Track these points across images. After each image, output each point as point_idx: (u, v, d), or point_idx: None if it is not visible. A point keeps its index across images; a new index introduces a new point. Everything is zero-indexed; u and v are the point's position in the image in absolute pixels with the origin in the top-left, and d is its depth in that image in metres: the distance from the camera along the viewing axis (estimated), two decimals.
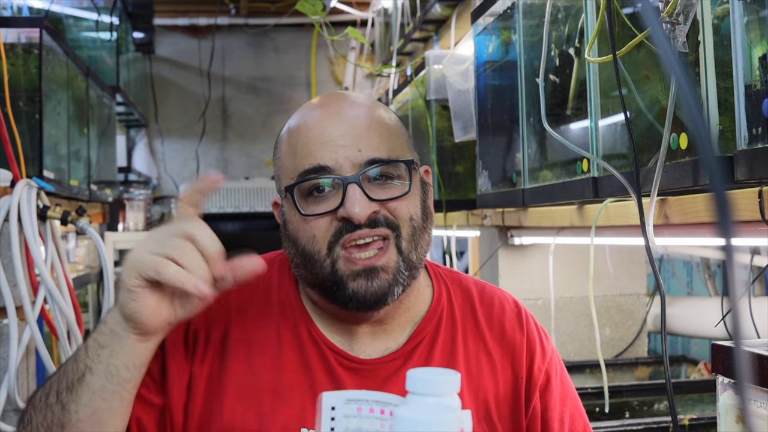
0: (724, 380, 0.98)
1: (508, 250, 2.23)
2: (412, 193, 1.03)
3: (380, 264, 0.98)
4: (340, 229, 0.98)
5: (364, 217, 0.97)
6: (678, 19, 1.00)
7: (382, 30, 4.15)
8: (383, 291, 0.98)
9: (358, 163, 0.99)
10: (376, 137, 1.01)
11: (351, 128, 1.01)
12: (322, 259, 0.99)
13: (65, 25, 3.63)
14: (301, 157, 1.01)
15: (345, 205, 0.97)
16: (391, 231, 0.99)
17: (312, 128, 1.02)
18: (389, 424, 0.85)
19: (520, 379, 1.11)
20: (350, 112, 1.04)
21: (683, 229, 1.36)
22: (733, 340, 1.09)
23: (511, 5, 1.74)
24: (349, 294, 0.99)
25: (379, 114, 1.05)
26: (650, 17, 0.53)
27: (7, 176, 1.96)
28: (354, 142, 1.00)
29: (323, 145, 1.00)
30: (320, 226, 0.99)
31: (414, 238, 1.01)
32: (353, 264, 0.98)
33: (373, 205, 0.98)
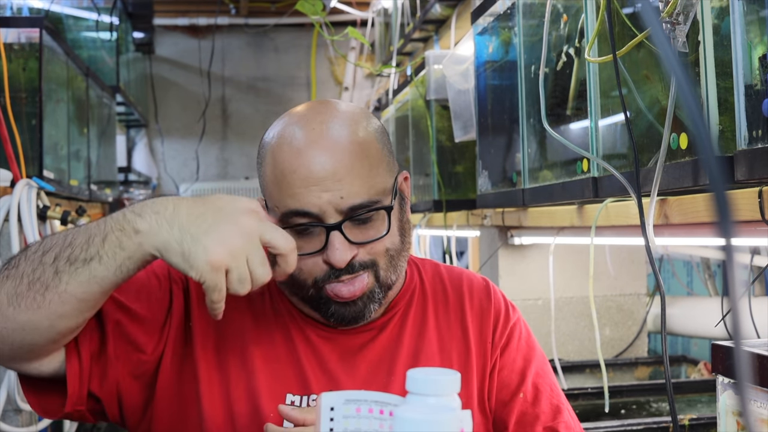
0: (724, 380, 0.98)
1: (508, 250, 2.23)
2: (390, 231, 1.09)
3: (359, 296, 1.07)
4: (327, 274, 1.05)
5: (344, 262, 1.04)
6: (678, 19, 1.00)
7: (382, 30, 4.15)
8: (361, 312, 1.08)
9: (340, 210, 1.04)
10: (357, 180, 1.05)
11: (334, 172, 1.04)
12: (307, 287, 1.07)
13: (65, 25, 3.63)
14: (285, 196, 1.05)
15: (328, 251, 1.04)
16: (370, 269, 1.07)
17: (295, 170, 1.05)
18: (388, 424, 0.85)
19: (487, 343, 1.18)
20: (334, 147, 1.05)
21: (683, 229, 1.36)
22: (733, 340, 1.09)
23: (511, 5, 1.74)
24: (332, 312, 1.08)
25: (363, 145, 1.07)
26: (650, 17, 0.53)
27: (7, 176, 1.96)
28: (338, 188, 1.04)
29: (307, 190, 1.04)
30: (307, 263, 1.06)
31: (392, 263, 1.09)
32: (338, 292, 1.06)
33: (353, 249, 1.05)
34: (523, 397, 1.18)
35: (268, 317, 1.13)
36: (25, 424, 1.95)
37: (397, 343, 1.14)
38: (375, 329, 1.14)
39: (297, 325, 1.13)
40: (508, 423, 1.17)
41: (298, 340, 1.12)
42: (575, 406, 1.83)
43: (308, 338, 1.12)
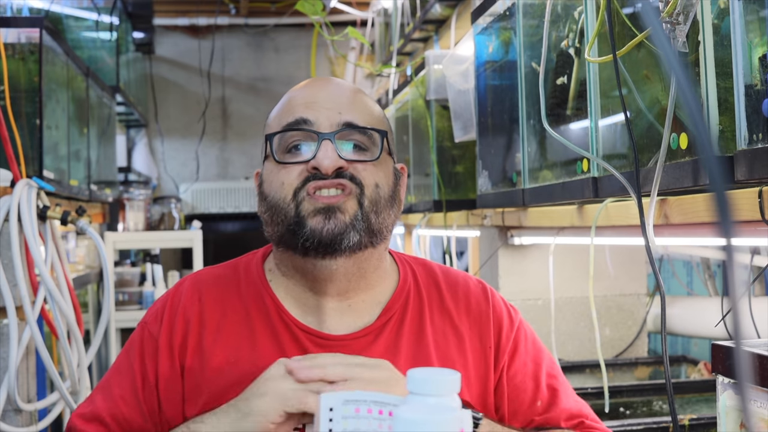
0: (724, 380, 0.98)
1: (508, 250, 2.23)
2: (381, 163, 1.09)
3: (339, 204, 1.04)
4: (308, 177, 1.05)
5: (332, 168, 1.04)
6: (678, 19, 1.00)
7: (382, 30, 4.15)
8: (340, 231, 1.03)
9: (335, 123, 1.07)
10: (357, 107, 1.10)
11: (336, 96, 1.10)
12: (287, 204, 1.05)
13: (65, 25, 3.63)
14: (285, 114, 1.10)
15: (317, 156, 1.04)
16: (354, 186, 1.05)
17: (298, 95, 1.12)
18: (388, 424, 0.85)
19: (488, 348, 1.15)
20: (337, 85, 1.14)
21: (683, 229, 1.36)
22: (733, 340, 1.09)
23: (511, 5, 1.74)
24: (308, 232, 1.03)
25: (365, 97, 1.14)
26: (650, 17, 0.53)
27: (7, 176, 1.96)
28: (336, 106, 1.08)
29: (307, 105, 1.09)
30: (290, 174, 1.06)
31: (377, 204, 1.07)
32: (315, 201, 1.04)
33: (341, 161, 1.05)
34: (541, 404, 1.17)
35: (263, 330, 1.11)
36: (25, 424, 1.95)
37: (395, 350, 1.11)
38: (371, 334, 1.11)
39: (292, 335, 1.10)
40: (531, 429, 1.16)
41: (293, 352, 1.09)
42: None
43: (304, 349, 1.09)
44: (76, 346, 2.10)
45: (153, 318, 1.16)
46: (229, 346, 1.10)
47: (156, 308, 1.17)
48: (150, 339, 1.13)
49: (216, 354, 1.10)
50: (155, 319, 1.15)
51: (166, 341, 1.12)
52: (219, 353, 1.10)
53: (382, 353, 1.10)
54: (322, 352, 1.08)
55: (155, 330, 1.13)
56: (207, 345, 1.10)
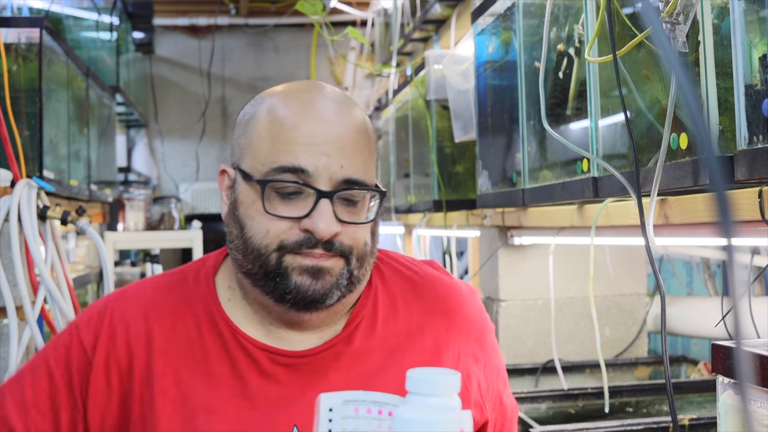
0: (724, 380, 0.98)
1: (508, 250, 2.23)
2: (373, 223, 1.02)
3: (327, 266, 0.97)
4: (300, 242, 0.96)
5: (329, 234, 0.95)
6: (678, 19, 1.00)
7: (382, 30, 4.15)
8: (325, 291, 0.97)
9: (336, 179, 0.97)
10: (359, 156, 0.99)
11: (337, 140, 0.98)
12: (269, 252, 0.97)
13: (65, 26, 3.63)
14: (280, 151, 0.97)
15: (313, 217, 0.96)
16: (343, 258, 0.98)
17: (300, 124, 0.98)
18: (387, 424, 0.85)
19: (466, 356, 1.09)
20: (336, 115, 1.00)
21: (683, 229, 1.36)
22: (733, 340, 1.09)
23: (511, 5, 1.74)
24: (292, 288, 0.96)
25: (362, 124, 1.03)
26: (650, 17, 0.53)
27: (7, 176, 1.96)
28: (338, 156, 0.97)
29: (307, 148, 0.97)
30: (278, 226, 0.97)
31: (362, 259, 1.00)
32: (302, 259, 0.96)
33: (337, 226, 0.97)
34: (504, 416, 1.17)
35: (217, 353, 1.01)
36: None
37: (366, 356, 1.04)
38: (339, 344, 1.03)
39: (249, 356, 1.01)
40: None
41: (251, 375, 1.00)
42: (575, 406, 1.83)
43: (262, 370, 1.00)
44: None
45: (86, 327, 1.04)
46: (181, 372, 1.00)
47: (91, 317, 1.05)
48: (81, 352, 1.02)
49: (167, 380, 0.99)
50: (89, 330, 1.03)
51: (103, 362, 1.00)
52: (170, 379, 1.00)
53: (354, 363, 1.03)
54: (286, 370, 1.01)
55: (89, 343, 1.02)
56: (157, 371, 1.00)
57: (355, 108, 1.04)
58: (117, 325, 1.03)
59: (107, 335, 1.02)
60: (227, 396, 0.99)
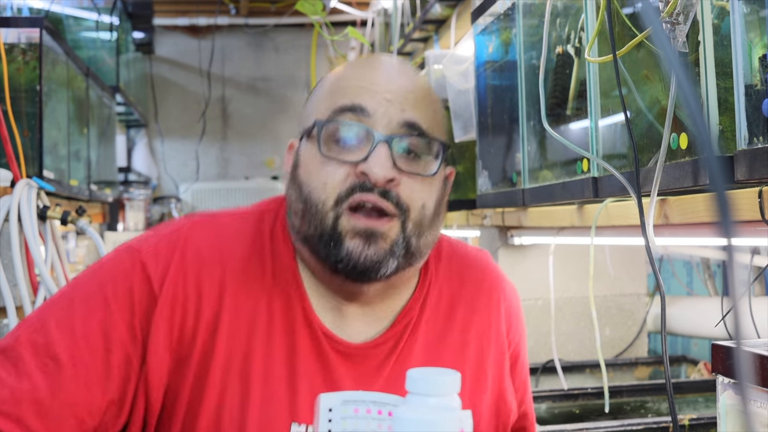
0: (724, 380, 0.98)
1: (508, 250, 2.23)
2: (435, 179, 0.96)
3: (382, 230, 0.92)
4: (354, 186, 0.91)
5: (383, 179, 0.90)
6: (678, 19, 1.00)
7: (382, 30, 4.15)
8: (378, 258, 0.92)
9: (396, 122, 0.93)
10: (422, 105, 0.96)
11: (400, 86, 0.95)
12: (326, 210, 0.92)
13: (65, 26, 3.63)
14: (340, 95, 0.94)
15: (369, 160, 0.91)
16: (399, 212, 0.93)
17: (359, 74, 0.96)
18: (387, 424, 0.85)
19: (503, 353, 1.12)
20: (400, 71, 0.98)
21: (683, 229, 1.36)
22: (733, 340, 1.09)
23: (511, 5, 1.74)
24: (344, 254, 0.92)
25: (428, 87, 1.01)
26: (650, 17, 0.53)
27: (7, 176, 1.96)
28: (400, 100, 0.94)
29: (367, 90, 0.94)
30: (335, 175, 0.92)
31: (420, 226, 0.95)
32: (356, 220, 0.91)
33: (394, 172, 0.91)
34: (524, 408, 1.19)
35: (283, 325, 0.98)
36: None
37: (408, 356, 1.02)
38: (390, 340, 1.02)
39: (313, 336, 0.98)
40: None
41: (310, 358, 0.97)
42: (575, 406, 1.83)
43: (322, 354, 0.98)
44: None
45: (154, 257, 0.94)
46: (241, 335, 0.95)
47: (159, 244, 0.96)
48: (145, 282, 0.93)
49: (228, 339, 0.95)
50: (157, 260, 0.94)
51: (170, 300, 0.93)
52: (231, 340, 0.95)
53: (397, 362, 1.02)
54: (342, 359, 0.98)
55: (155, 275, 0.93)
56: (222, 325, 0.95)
57: (419, 74, 1.04)
58: (189, 263, 0.95)
59: (177, 271, 0.94)
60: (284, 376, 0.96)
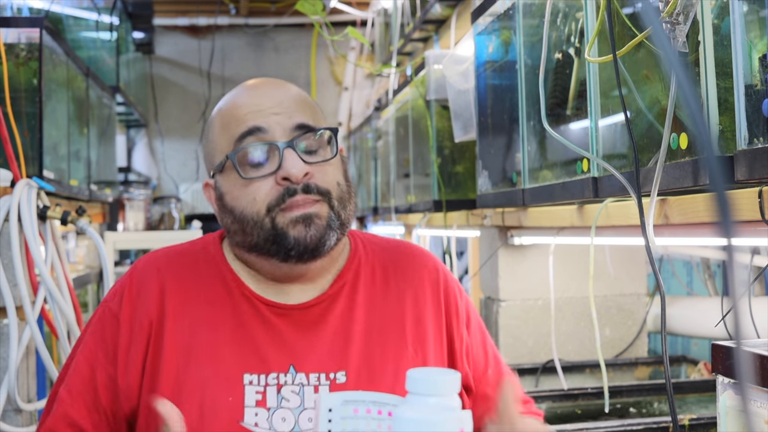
0: (724, 380, 0.98)
1: (508, 250, 2.23)
2: (337, 160, 1.12)
3: (314, 211, 1.07)
4: (281, 194, 1.06)
5: (301, 174, 1.06)
6: (678, 19, 1.00)
7: (382, 30, 4.15)
8: (320, 235, 1.07)
9: (289, 128, 1.08)
10: (303, 108, 1.12)
11: (280, 101, 1.11)
12: (261, 219, 1.07)
13: (65, 26, 3.63)
14: (234, 127, 1.10)
15: (283, 165, 1.06)
16: (322, 196, 1.08)
17: (242, 104, 1.11)
18: (387, 424, 0.85)
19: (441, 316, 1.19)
20: (276, 88, 1.14)
21: (683, 229, 1.36)
22: (733, 340, 1.09)
23: (511, 5, 1.74)
24: (291, 242, 1.07)
25: (302, 92, 1.16)
26: (650, 17, 0.53)
27: (7, 176, 1.96)
28: (284, 111, 1.09)
29: (255, 113, 1.09)
30: (260, 189, 1.07)
31: (342, 200, 1.11)
32: (290, 212, 1.06)
33: (306, 167, 1.07)
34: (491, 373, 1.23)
35: (222, 301, 1.13)
36: (25, 424, 1.95)
37: (350, 314, 1.15)
38: (326, 300, 1.15)
39: (252, 305, 1.13)
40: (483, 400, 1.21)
41: (253, 321, 1.12)
42: (575, 406, 1.83)
43: (263, 317, 1.12)
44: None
45: (112, 297, 1.16)
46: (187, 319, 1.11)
47: (115, 288, 1.17)
48: (111, 316, 1.13)
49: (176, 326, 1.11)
50: (113, 298, 1.15)
51: (128, 319, 1.12)
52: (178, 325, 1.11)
53: (339, 318, 1.14)
54: (282, 319, 1.12)
55: (115, 307, 1.13)
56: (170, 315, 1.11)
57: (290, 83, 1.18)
58: (135, 284, 1.14)
59: (129, 294, 1.14)
60: (229, 339, 1.10)
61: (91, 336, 1.15)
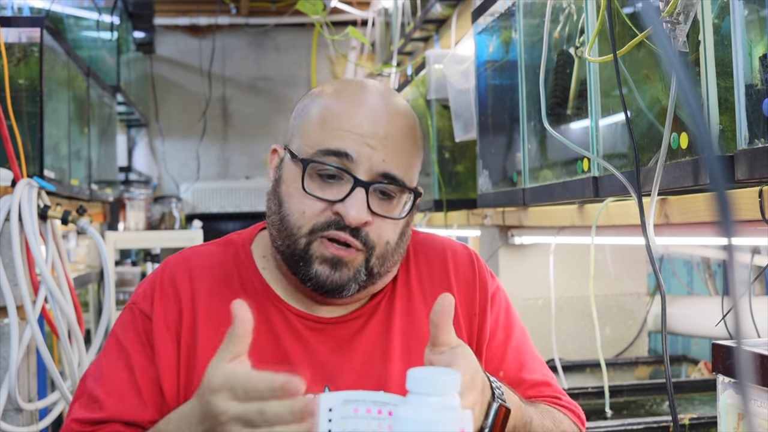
0: (725, 380, 0.98)
1: (509, 249, 2.23)
2: (401, 222, 1.08)
3: (348, 259, 1.03)
4: (330, 222, 1.02)
5: (357, 222, 1.01)
6: (678, 19, 1.00)
7: (383, 29, 4.15)
8: (342, 283, 1.04)
9: (375, 170, 1.03)
10: (402, 155, 1.06)
11: (384, 136, 1.04)
12: (300, 235, 1.04)
13: (66, 25, 3.63)
14: (328, 135, 1.04)
15: (346, 203, 1.02)
16: (365, 248, 1.04)
17: (351, 115, 1.04)
18: (387, 424, 0.85)
19: (473, 316, 1.17)
20: (387, 114, 1.06)
21: (684, 229, 1.36)
22: (733, 339, 1.09)
23: (511, 4, 1.74)
24: (312, 274, 1.04)
25: (413, 130, 1.10)
26: (651, 17, 0.53)
27: (8, 176, 1.96)
28: (382, 149, 1.03)
29: (353, 136, 1.03)
30: (313, 207, 1.03)
31: (383, 258, 1.07)
32: (326, 247, 1.03)
33: (368, 215, 1.03)
34: (504, 375, 1.17)
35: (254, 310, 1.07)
36: (25, 424, 1.95)
37: (388, 328, 1.11)
38: (363, 316, 1.12)
39: (284, 317, 1.10)
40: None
41: (286, 335, 1.09)
42: None
43: (296, 332, 1.09)
44: (77, 345, 2.10)
45: (142, 297, 1.13)
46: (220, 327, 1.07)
47: (144, 289, 1.14)
48: (143, 317, 1.10)
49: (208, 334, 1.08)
50: (144, 298, 1.12)
51: (162, 318, 1.09)
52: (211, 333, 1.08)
53: (378, 333, 1.11)
54: (315, 334, 1.09)
55: (147, 308, 1.11)
56: (201, 324, 1.09)
57: (407, 110, 1.11)
58: (166, 286, 1.12)
59: (160, 297, 1.11)
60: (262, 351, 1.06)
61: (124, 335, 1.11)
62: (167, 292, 1.11)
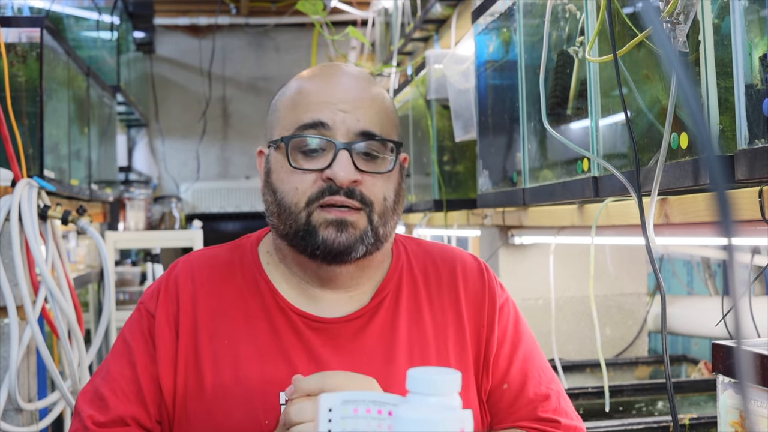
0: (725, 380, 0.99)
1: (509, 249, 2.23)
2: (392, 174, 1.10)
3: (351, 219, 1.06)
4: (323, 190, 1.05)
5: (347, 181, 1.04)
6: (678, 19, 1.00)
7: (383, 29, 4.15)
8: (349, 243, 1.06)
9: (353, 131, 1.06)
10: (374, 112, 1.09)
11: (353, 98, 1.08)
12: (298, 210, 1.06)
13: (66, 25, 3.63)
14: (301, 112, 1.08)
15: (333, 167, 1.04)
16: (364, 206, 1.06)
17: (320, 89, 1.09)
18: (387, 424, 0.85)
19: (481, 327, 1.16)
20: (354, 83, 1.11)
21: (684, 229, 1.36)
22: (733, 339, 1.09)
23: (511, 4, 1.74)
24: (319, 242, 1.06)
25: (379, 93, 1.13)
26: (651, 17, 0.53)
27: (8, 176, 1.96)
28: (354, 110, 1.07)
29: (325, 105, 1.07)
30: (304, 181, 1.06)
31: (384, 216, 1.09)
32: (327, 213, 1.05)
33: (356, 174, 1.05)
34: (508, 387, 1.17)
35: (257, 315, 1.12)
36: (25, 424, 1.95)
37: (392, 329, 1.12)
38: (366, 315, 1.12)
39: (287, 318, 1.11)
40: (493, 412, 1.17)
41: (288, 335, 1.10)
42: (576, 405, 1.83)
43: (299, 332, 1.10)
44: (77, 345, 2.11)
45: (149, 297, 1.16)
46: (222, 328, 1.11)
47: (152, 289, 1.18)
48: (148, 317, 1.14)
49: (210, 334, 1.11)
50: (151, 298, 1.16)
51: (164, 316, 1.12)
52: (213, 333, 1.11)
53: (379, 333, 1.11)
54: (317, 334, 1.10)
55: (152, 307, 1.14)
56: (202, 324, 1.11)
57: (374, 83, 1.14)
58: (170, 287, 1.15)
59: (165, 296, 1.14)
60: (264, 350, 1.09)
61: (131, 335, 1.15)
62: (171, 292, 1.14)
